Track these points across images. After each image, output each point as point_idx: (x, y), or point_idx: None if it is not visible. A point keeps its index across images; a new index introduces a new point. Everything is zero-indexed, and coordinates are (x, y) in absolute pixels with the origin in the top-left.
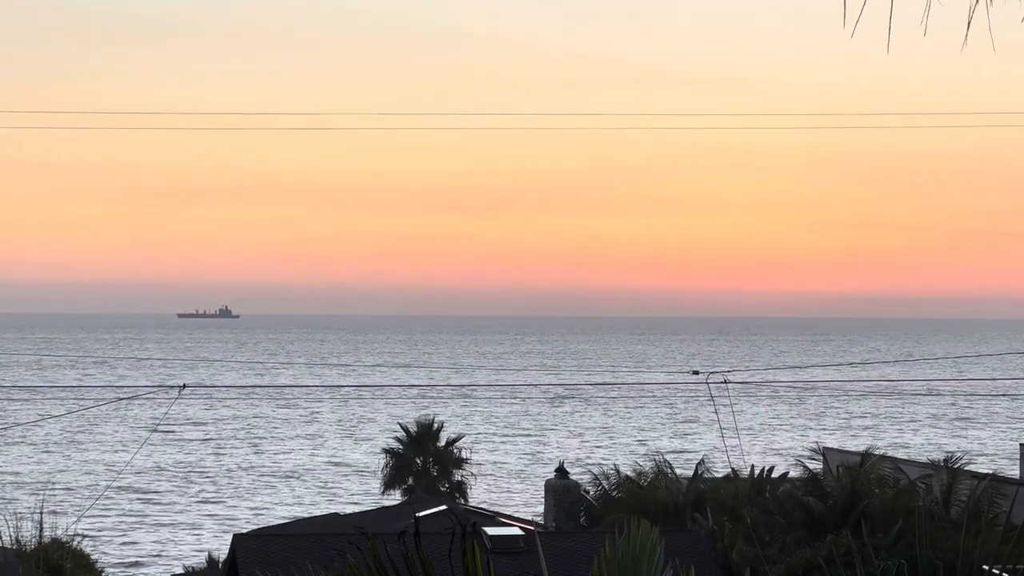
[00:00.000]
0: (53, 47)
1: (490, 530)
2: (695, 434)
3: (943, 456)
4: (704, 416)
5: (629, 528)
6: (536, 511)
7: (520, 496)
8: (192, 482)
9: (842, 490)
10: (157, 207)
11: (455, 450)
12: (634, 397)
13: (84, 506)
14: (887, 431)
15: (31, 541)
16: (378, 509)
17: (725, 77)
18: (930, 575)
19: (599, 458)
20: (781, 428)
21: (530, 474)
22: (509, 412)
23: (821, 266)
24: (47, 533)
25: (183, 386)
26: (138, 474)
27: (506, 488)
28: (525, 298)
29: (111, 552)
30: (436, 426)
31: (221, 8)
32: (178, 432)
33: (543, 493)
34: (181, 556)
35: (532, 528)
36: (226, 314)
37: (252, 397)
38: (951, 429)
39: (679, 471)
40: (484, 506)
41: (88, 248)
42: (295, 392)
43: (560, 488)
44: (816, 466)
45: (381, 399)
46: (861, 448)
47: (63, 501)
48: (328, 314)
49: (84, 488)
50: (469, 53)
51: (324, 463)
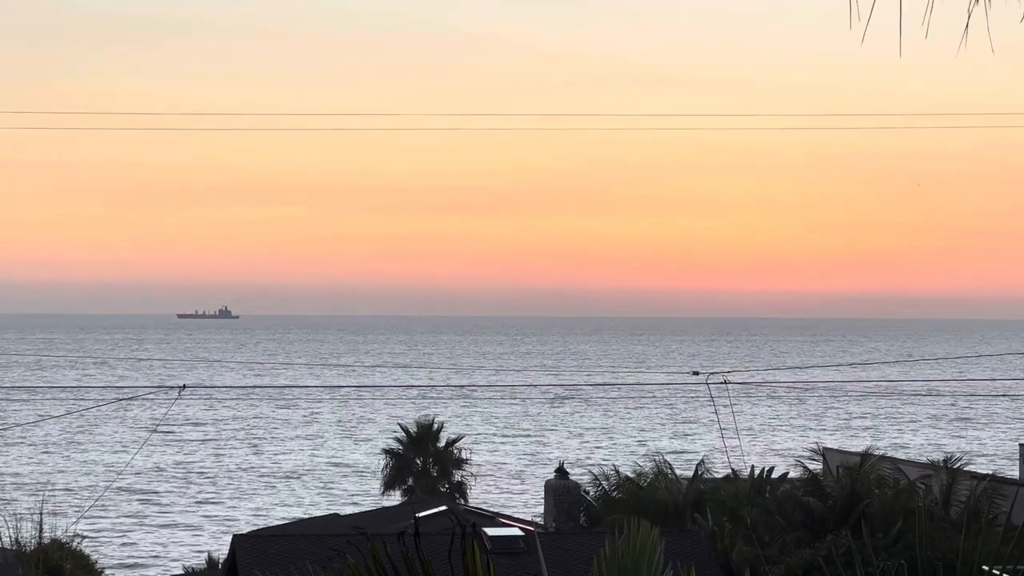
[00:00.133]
0: (53, 47)
1: (490, 531)
2: (695, 435)
3: (943, 456)
4: (704, 416)
5: (629, 529)
6: (536, 511)
7: (520, 496)
8: (192, 483)
9: (842, 490)
10: (157, 207)
11: (455, 450)
12: (634, 397)
13: (84, 507)
14: (887, 431)
15: (31, 542)
16: (378, 509)
17: (725, 77)
18: (930, 575)
19: (599, 459)
20: (781, 428)
21: (530, 474)
22: (509, 412)
23: (821, 266)
24: (47, 534)
25: (183, 387)
26: (138, 475)
27: (506, 489)
28: (525, 298)
29: (111, 553)
30: (436, 426)
31: (221, 8)
32: (178, 433)
33: (543, 493)
34: (181, 557)
35: (532, 529)
36: (226, 315)
37: (252, 398)
38: (951, 429)
39: (679, 472)
40: (484, 506)
41: (88, 248)
42: (295, 392)
43: (560, 488)
44: (816, 466)
45: (381, 399)
46: (861, 448)
47: (63, 502)
48: (328, 314)
49: (84, 489)
50: (469, 53)
51: (324, 464)
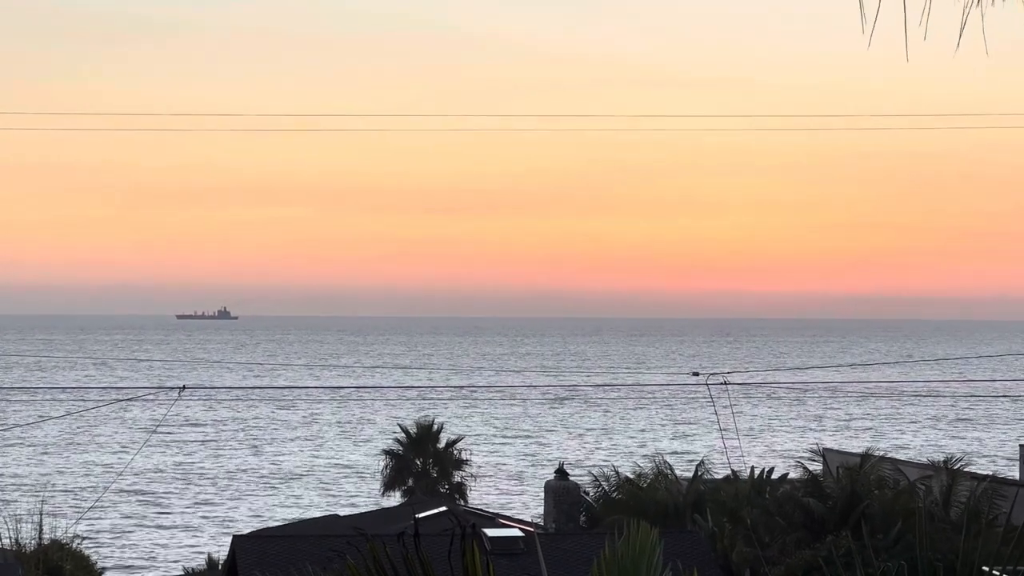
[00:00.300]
0: (52, 48)
1: (490, 531)
2: (695, 435)
3: (943, 457)
4: (704, 417)
5: (628, 530)
6: (536, 512)
7: (520, 497)
8: (191, 484)
9: (842, 491)
10: (156, 208)
11: (455, 451)
12: (634, 398)
13: (84, 508)
14: (887, 432)
15: (31, 543)
16: (378, 510)
17: (725, 77)
18: None
19: (599, 459)
20: (781, 429)
21: (530, 475)
22: (509, 413)
23: (821, 267)
24: (47, 535)
25: (182, 387)
26: (138, 476)
27: (506, 489)
28: (525, 299)
29: (111, 554)
30: (436, 427)
31: (221, 9)
32: (177, 434)
33: (543, 494)
34: (181, 557)
35: (532, 529)
36: (225, 315)
37: (251, 398)
38: (951, 430)
39: (679, 472)
40: (484, 507)
41: (87, 249)
42: (294, 393)
43: (560, 489)
44: (816, 467)
45: (381, 400)
46: (861, 449)
47: (63, 502)
48: (327, 315)
49: (84, 490)
50: (469, 54)
51: (324, 464)
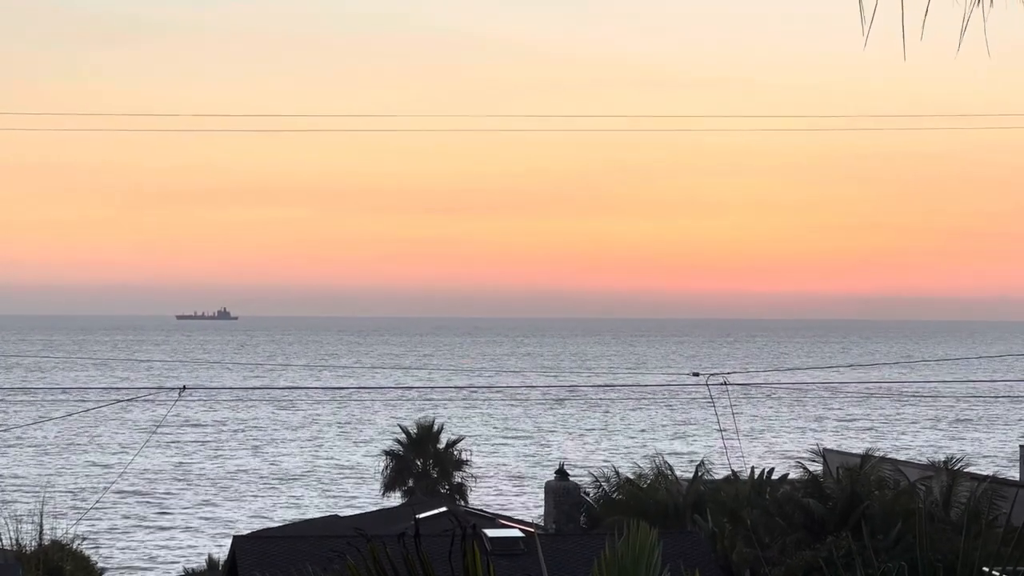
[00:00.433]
0: (52, 48)
1: (490, 532)
2: (695, 436)
3: (943, 458)
4: (704, 418)
5: (628, 530)
6: (536, 513)
7: (520, 498)
8: (192, 484)
9: (842, 492)
10: (156, 209)
11: (455, 452)
12: (634, 399)
13: (84, 508)
14: (887, 433)
15: (31, 543)
16: (378, 511)
17: (725, 77)
18: None
19: (599, 460)
20: (781, 430)
21: (530, 476)
22: (509, 414)
23: (821, 267)
24: (47, 535)
25: (183, 388)
26: (138, 476)
27: (506, 490)
28: (525, 300)
29: (111, 554)
30: (436, 428)
31: (221, 9)
32: (177, 434)
33: (543, 495)
34: (181, 558)
35: (532, 530)
36: (224, 316)
37: (251, 399)
38: (951, 431)
39: (679, 473)
40: (484, 508)
41: (87, 250)
42: (295, 394)
43: (560, 490)
44: (816, 468)
45: (381, 401)
46: (861, 450)
47: (63, 503)
48: (327, 315)
49: (84, 490)
50: (469, 54)
51: (324, 465)
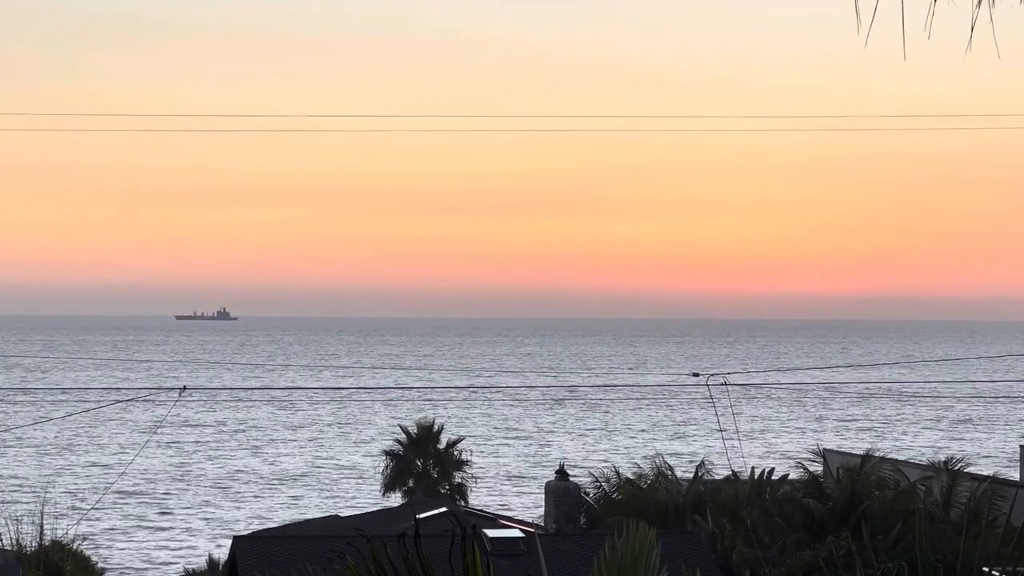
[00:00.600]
0: (52, 48)
1: (490, 532)
2: (695, 436)
3: (943, 458)
4: (704, 418)
5: (628, 530)
6: (536, 513)
7: (520, 498)
8: (192, 484)
9: (842, 492)
10: (155, 209)
11: (455, 452)
12: (634, 399)
13: (84, 508)
14: (887, 433)
15: (31, 543)
16: (378, 511)
17: (725, 77)
18: None
19: (599, 460)
20: (781, 430)
21: (530, 476)
22: (509, 414)
23: (821, 268)
24: (47, 535)
25: (183, 388)
26: (138, 476)
27: (506, 490)
28: (525, 300)
29: (111, 554)
30: (436, 428)
31: (222, 10)
32: (178, 434)
33: (543, 495)
34: (181, 558)
35: (532, 530)
36: (224, 316)
37: (251, 399)
38: (951, 431)
39: (679, 473)
40: (484, 508)
41: (87, 250)
42: (295, 394)
43: (560, 490)
44: (816, 468)
45: (381, 401)
46: (861, 450)
47: (63, 503)
48: (327, 316)
49: (84, 490)
50: (468, 55)
51: (324, 465)
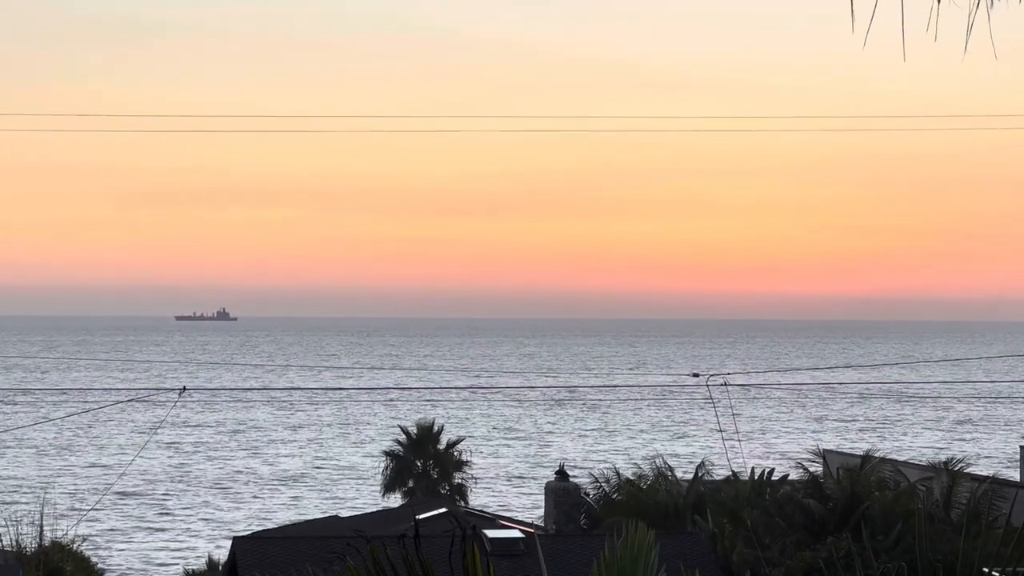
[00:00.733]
0: (52, 49)
1: (490, 532)
2: (695, 436)
3: (943, 459)
4: (704, 418)
5: (627, 531)
6: (536, 514)
7: (520, 499)
8: (192, 485)
9: (842, 492)
10: (155, 209)
11: (455, 453)
12: (634, 399)
13: (84, 509)
14: (887, 434)
15: (31, 544)
16: (378, 512)
17: (725, 77)
18: None
19: (599, 460)
20: (781, 431)
21: (530, 477)
22: (509, 415)
23: (821, 268)
24: (47, 536)
25: (183, 389)
26: (138, 477)
27: (506, 491)
28: (525, 300)
29: (111, 555)
30: (436, 429)
31: (221, 10)
32: (177, 435)
33: (543, 496)
34: (181, 559)
35: (532, 531)
36: (224, 316)
37: (251, 400)
38: (951, 432)
39: (679, 473)
40: (484, 508)
41: (86, 251)
42: (294, 395)
43: (560, 491)
44: (816, 468)
45: (381, 402)
46: (861, 451)
47: (63, 504)
48: (327, 316)
49: (84, 491)
50: (468, 55)
51: (324, 466)
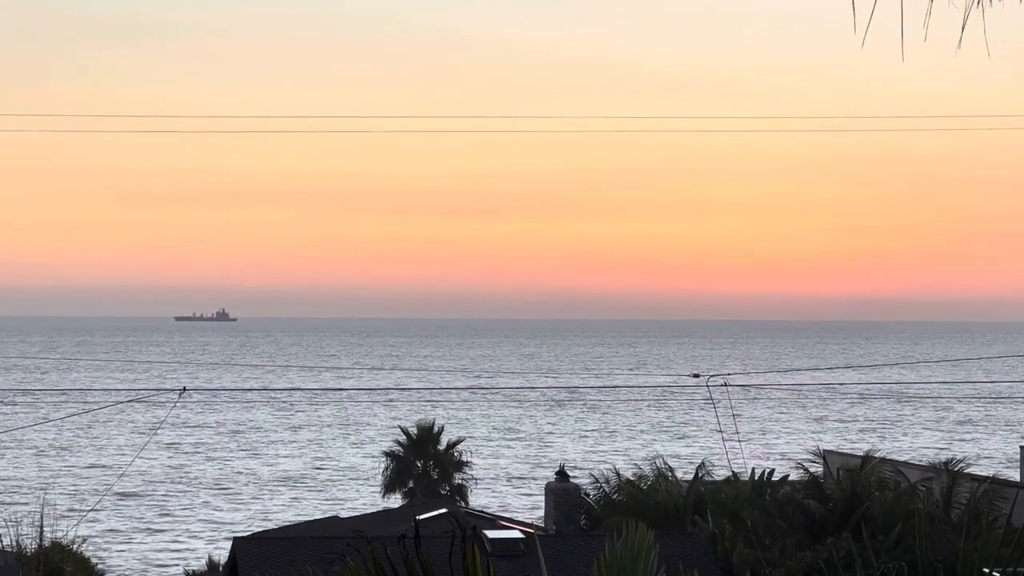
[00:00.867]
0: (52, 50)
1: (490, 533)
2: (695, 437)
3: (943, 459)
4: (704, 419)
5: (627, 531)
6: (536, 514)
7: (520, 499)
8: (192, 485)
9: (842, 493)
10: (155, 210)
11: (455, 453)
12: (634, 400)
13: (84, 510)
14: (887, 434)
15: (32, 545)
16: (378, 512)
17: (725, 79)
18: None
19: (599, 461)
20: (781, 431)
21: (530, 477)
22: (510, 415)
23: (821, 268)
24: (47, 537)
25: (183, 389)
26: (138, 477)
27: (506, 491)
28: (525, 301)
29: (111, 556)
30: (436, 429)
31: (222, 11)
32: (178, 436)
33: (543, 496)
34: (181, 560)
35: (532, 531)
36: (223, 317)
37: (251, 400)
38: (951, 432)
39: (679, 474)
40: (484, 509)
41: (86, 251)
42: (294, 395)
43: (560, 491)
44: (816, 469)
45: (381, 402)
46: (861, 451)
47: (63, 505)
48: (326, 317)
49: (84, 492)
50: (469, 54)
51: (324, 466)
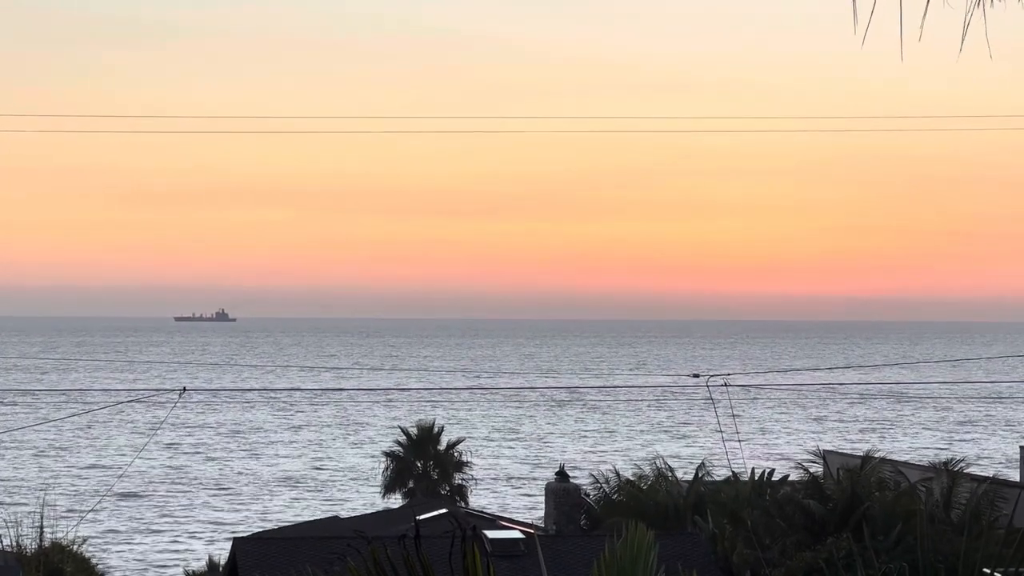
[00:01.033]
0: (53, 51)
1: (490, 533)
2: (695, 437)
3: (943, 459)
4: (704, 419)
5: (627, 531)
6: (536, 514)
7: (520, 499)
8: (192, 486)
9: (842, 493)
10: (154, 210)
11: (455, 453)
12: (634, 400)
13: (84, 510)
14: (888, 434)
15: (31, 545)
16: (378, 512)
17: (725, 79)
18: None
19: (599, 461)
20: (781, 431)
21: (530, 477)
22: (510, 415)
23: (821, 268)
24: (48, 537)
25: (183, 390)
26: (138, 478)
27: (506, 491)
28: (525, 301)
29: (111, 556)
30: (436, 429)
31: (222, 12)
32: (178, 435)
33: (543, 496)
34: (181, 560)
35: (532, 531)
36: (223, 317)
37: (251, 400)
38: (951, 432)
39: (679, 474)
40: (484, 509)
41: (86, 251)
42: (294, 395)
43: (560, 491)
44: (816, 469)
45: (381, 402)
46: (861, 451)
47: (63, 505)
48: (326, 317)
49: (84, 492)
50: (469, 54)
51: (324, 466)
